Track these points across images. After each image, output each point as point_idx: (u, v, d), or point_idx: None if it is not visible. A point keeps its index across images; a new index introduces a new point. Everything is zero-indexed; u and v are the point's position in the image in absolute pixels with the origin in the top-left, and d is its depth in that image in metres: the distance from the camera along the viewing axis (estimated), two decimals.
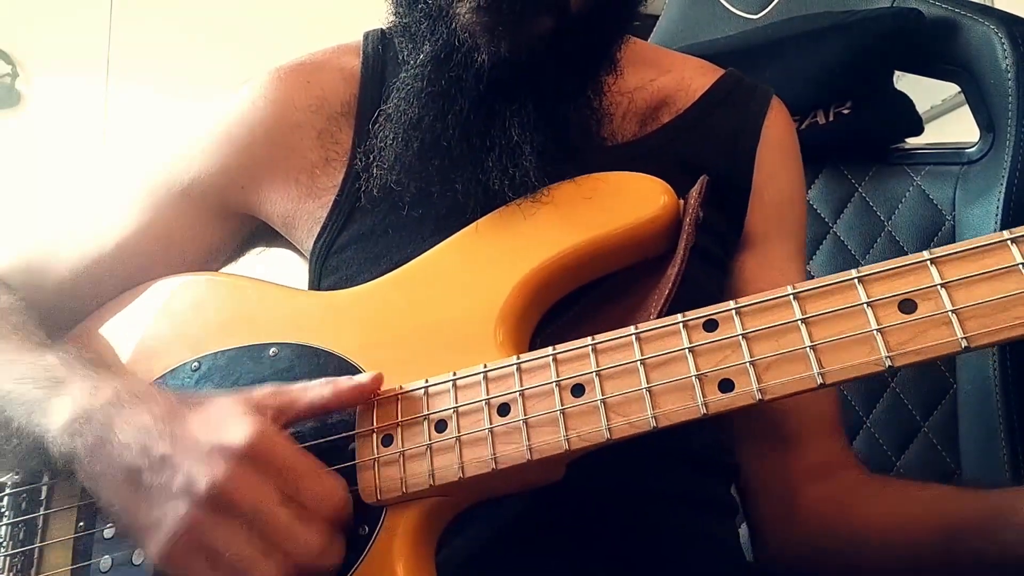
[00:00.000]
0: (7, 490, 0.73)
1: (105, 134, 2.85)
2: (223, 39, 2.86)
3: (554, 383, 0.57)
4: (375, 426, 0.60)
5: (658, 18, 1.25)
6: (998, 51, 0.94)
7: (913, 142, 1.08)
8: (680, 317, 0.56)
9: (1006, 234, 0.50)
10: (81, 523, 0.68)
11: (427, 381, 0.60)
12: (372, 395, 0.61)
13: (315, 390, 0.60)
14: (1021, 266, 0.49)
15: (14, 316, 0.75)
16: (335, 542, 0.55)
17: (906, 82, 1.09)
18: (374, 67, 0.82)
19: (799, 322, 0.52)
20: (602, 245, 0.65)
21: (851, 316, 0.52)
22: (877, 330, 0.51)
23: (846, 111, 1.05)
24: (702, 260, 0.74)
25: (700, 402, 0.53)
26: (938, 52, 1.00)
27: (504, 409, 0.57)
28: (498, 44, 0.66)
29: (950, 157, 1.03)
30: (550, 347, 0.58)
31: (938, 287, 0.50)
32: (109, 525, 0.67)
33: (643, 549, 0.68)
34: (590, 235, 0.65)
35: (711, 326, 0.55)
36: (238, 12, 2.92)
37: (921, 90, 1.16)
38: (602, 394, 0.55)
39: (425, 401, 0.60)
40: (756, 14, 1.14)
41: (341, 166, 0.78)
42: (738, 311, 0.54)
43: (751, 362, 0.53)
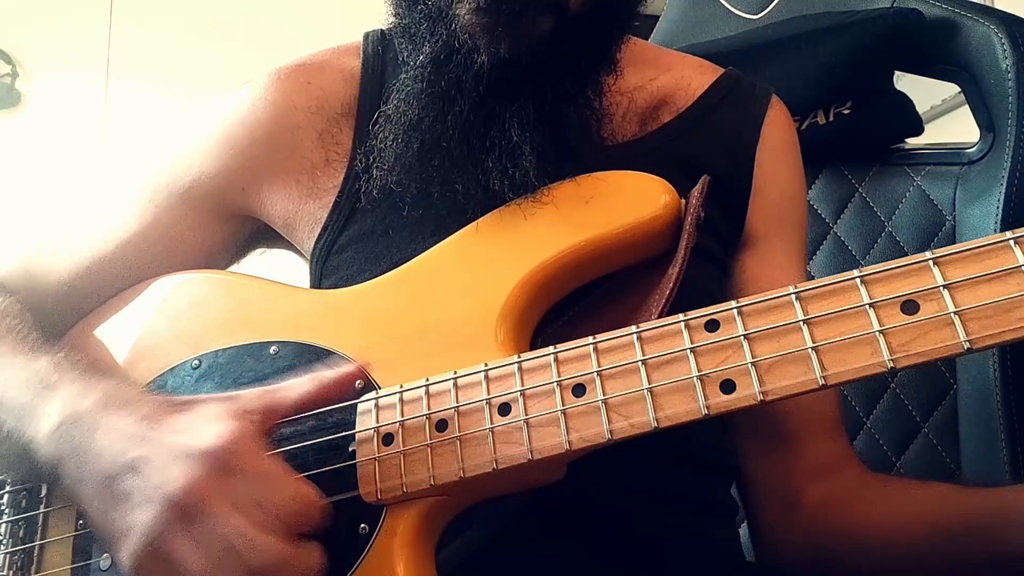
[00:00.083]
0: (7, 488, 0.73)
1: (105, 134, 2.85)
2: (223, 39, 2.86)
3: (555, 383, 0.57)
4: (375, 425, 0.60)
5: (658, 18, 1.25)
6: (998, 51, 0.94)
7: (913, 142, 1.08)
8: (681, 317, 0.56)
9: (1008, 235, 0.50)
10: (81, 521, 0.68)
11: (428, 380, 0.60)
12: (355, 378, 0.61)
13: (302, 385, 0.60)
14: None
15: (9, 318, 0.75)
16: (304, 551, 0.54)
17: (906, 82, 1.09)
18: (374, 68, 0.82)
19: (801, 323, 0.52)
20: (603, 245, 0.65)
21: (853, 317, 0.51)
22: (879, 331, 0.51)
23: (846, 111, 1.05)
24: (703, 260, 0.74)
25: (702, 403, 0.53)
26: (938, 52, 1.00)
27: (505, 409, 0.57)
28: (498, 45, 0.66)
29: (950, 157, 1.03)
30: (551, 347, 0.58)
31: (940, 288, 0.50)
32: None
33: (643, 550, 0.68)
34: (591, 235, 0.65)
35: (713, 326, 0.54)
36: (238, 12, 2.92)
37: (921, 90, 1.16)
38: (603, 394, 0.55)
39: (426, 400, 0.59)
40: (756, 14, 1.14)
41: (341, 167, 0.78)
42: (740, 311, 0.54)
43: (753, 363, 0.52)
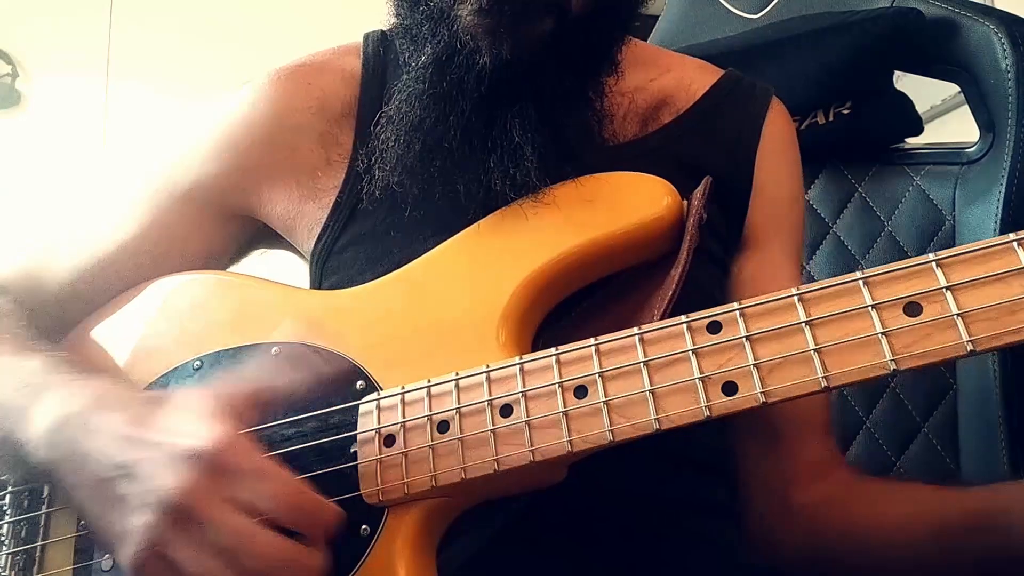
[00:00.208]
0: (9, 488, 0.73)
1: (105, 134, 2.84)
2: (223, 39, 2.86)
3: (557, 384, 0.57)
4: (377, 426, 0.60)
5: (658, 18, 1.25)
6: (998, 51, 0.94)
7: (913, 142, 1.08)
8: (684, 319, 0.56)
9: (1012, 236, 0.50)
10: (82, 522, 0.68)
11: (429, 381, 0.60)
12: (346, 364, 0.61)
13: (286, 379, 0.60)
14: None
15: (4, 319, 0.75)
16: (304, 552, 0.53)
17: (906, 82, 1.09)
18: (375, 69, 0.82)
19: (803, 324, 0.52)
20: (605, 246, 0.65)
21: (856, 319, 0.51)
22: (882, 333, 0.51)
23: (846, 111, 1.05)
24: (705, 261, 0.74)
25: (703, 404, 0.53)
26: (938, 52, 1.00)
27: (507, 410, 0.57)
28: (499, 46, 0.66)
29: (950, 157, 1.03)
30: (553, 348, 0.58)
31: (944, 290, 0.50)
32: None
33: (645, 551, 0.68)
34: (593, 235, 0.65)
35: (715, 328, 0.55)
36: (238, 12, 2.91)
37: (921, 90, 1.16)
38: (605, 396, 0.55)
39: (427, 401, 0.59)
40: (756, 14, 1.14)
41: (342, 167, 0.78)
42: (742, 313, 0.54)
43: (755, 364, 0.53)
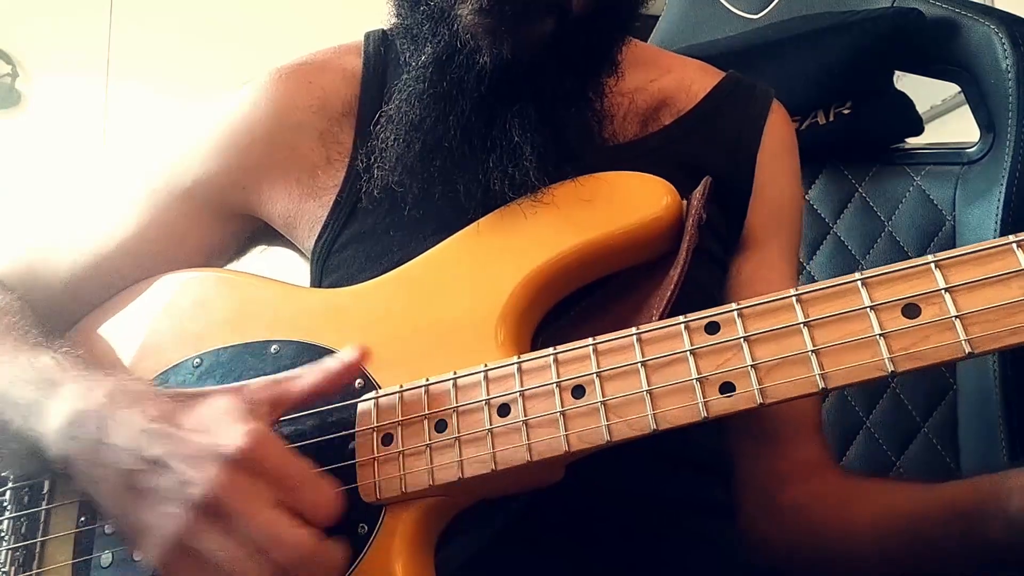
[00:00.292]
0: (9, 484, 0.73)
1: (105, 134, 2.84)
2: (223, 39, 2.86)
3: (555, 384, 0.57)
4: (375, 424, 0.60)
5: (658, 18, 1.25)
6: (998, 51, 0.94)
7: (913, 142, 1.08)
8: (682, 319, 0.56)
9: (1012, 238, 0.50)
10: (83, 518, 0.68)
11: (427, 380, 0.60)
12: (359, 368, 0.61)
13: (308, 377, 0.60)
14: None
15: (10, 316, 0.75)
16: (329, 546, 0.54)
17: (906, 82, 1.09)
18: (375, 68, 0.82)
19: (801, 325, 0.52)
20: (604, 245, 0.65)
21: (854, 320, 0.51)
22: (880, 335, 0.50)
23: (846, 111, 1.05)
24: (704, 261, 0.74)
25: (701, 405, 0.53)
26: (938, 52, 1.00)
27: (504, 409, 0.57)
28: (500, 46, 0.66)
29: (950, 157, 1.03)
30: (551, 347, 0.58)
31: (942, 291, 0.50)
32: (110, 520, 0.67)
33: (643, 551, 0.68)
34: (592, 235, 0.65)
35: (713, 328, 0.54)
36: (238, 12, 2.91)
37: (921, 90, 1.16)
38: (602, 396, 0.55)
39: (425, 400, 0.59)
40: (756, 14, 1.14)
41: (342, 166, 0.78)
42: (740, 313, 0.54)
43: (753, 365, 0.52)
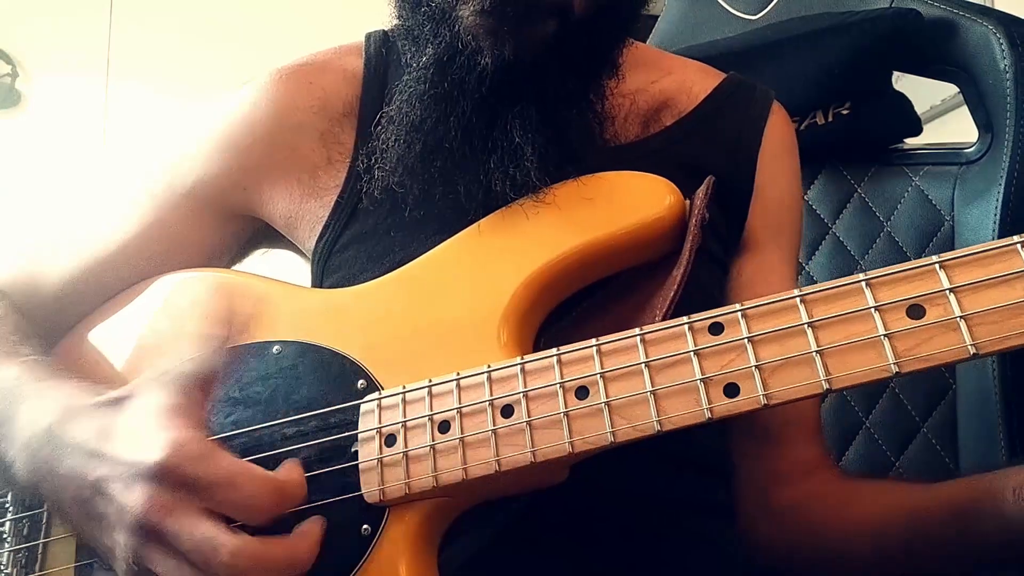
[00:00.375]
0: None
1: (105, 134, 2.84)
2: (223, 39, 2.85)
3: (558, 385, 0.56)
4: (378, 426, 0.60)
5: (657, 19, 1.25)
6: (996, 52, 0.94)
7: (912, 142, 1.08)
8: (685, 320, 0.55)
9: (1016, 239, 0.50)
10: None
11: (430, 381, 0.60)
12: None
13: (217, 353, 0.58)
14: None
15: None
16: (278, 543, 0.54)
17: (905, 82, 1.09)
18: (376, 68, 0.82)
19: (806, 326, 0.52)
20: (606, 245, 0.65)
21: (858, 320, 0.51)
22: (885, 335, 0.50)
23: (845, 112, 1.05)
24: (707, 261, 0.74)
25: (705, 406, 0.53)
26: (937, 53, 1.00)
27: (508, 411, 0.57)
28: (501, 47, 0.66)
29: (949, 157, 1.03)
30: (554, 348, 0.58)
31: (947, 292, 0.50)
32: None
33: (645, 552, 0.68)
34: (594, 235, 0.65)
35: (717, 329, 0.54)
36: (238, 12, 2.91)
37: (920, 90, 1.16)
38: (606, 396, 0.55)
39: (428, 401, 0.59)
40: (755, 15, 1.14)
41: (343, 166, 0.78)
42: (744, 314, 0.54)
43: (757, 366, 0.52)
